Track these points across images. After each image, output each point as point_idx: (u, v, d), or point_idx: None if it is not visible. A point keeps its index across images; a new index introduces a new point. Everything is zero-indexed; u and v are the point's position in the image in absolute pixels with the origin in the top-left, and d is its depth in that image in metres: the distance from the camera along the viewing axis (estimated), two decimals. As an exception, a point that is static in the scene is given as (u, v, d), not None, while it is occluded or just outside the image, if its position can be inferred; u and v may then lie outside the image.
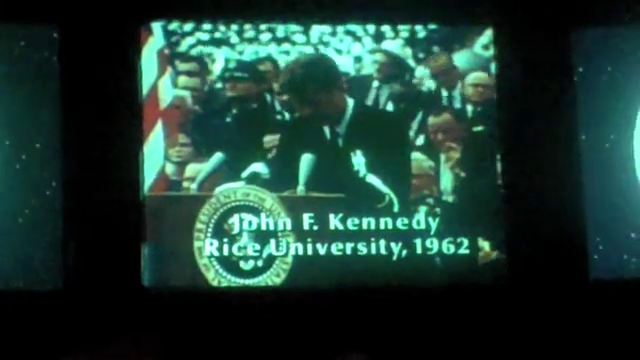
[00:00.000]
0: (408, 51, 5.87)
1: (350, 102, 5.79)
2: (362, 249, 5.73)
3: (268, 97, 5.78)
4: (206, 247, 5.66)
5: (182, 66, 5.73)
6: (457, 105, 5.89)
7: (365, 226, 5.73)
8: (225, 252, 5.66)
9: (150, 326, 5.47)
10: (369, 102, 5.83)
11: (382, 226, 5.73)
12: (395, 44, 5.87)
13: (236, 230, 5.68)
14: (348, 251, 5.72)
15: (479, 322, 5.67)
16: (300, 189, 5.72)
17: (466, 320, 5.68)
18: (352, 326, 5.62)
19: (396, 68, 5.87)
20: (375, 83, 5.86)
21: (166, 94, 5.71)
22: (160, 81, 5.70)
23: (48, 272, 5.51)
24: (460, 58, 5.89)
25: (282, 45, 5.79)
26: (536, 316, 5.69)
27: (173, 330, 5.52)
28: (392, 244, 5.74)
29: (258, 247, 5.68)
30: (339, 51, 5.82)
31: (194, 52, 5.75)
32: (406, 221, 5.75)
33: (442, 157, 5.83)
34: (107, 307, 5.48)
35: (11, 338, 5.38)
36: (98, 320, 5.44)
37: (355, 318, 5.63)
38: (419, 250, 5.75)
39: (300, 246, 5.70)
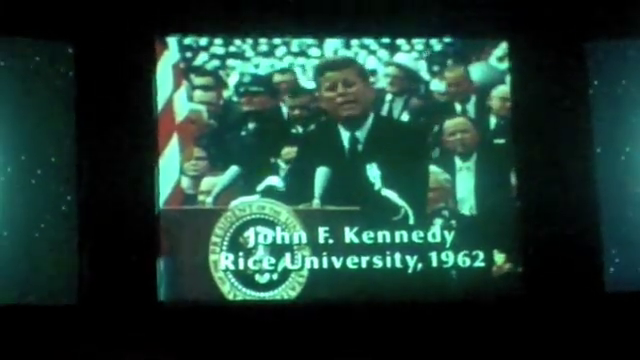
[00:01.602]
0: (423, 64, 5.87)
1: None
2: (377, 262, 5.72)
3: (284, 110, 5.79)
4: (222, 261, 5.66)
5: (197, 80, 5.74)
6: (472, 116, 5.89)
7: (380, 239, 5.73)
8: (241, 266, 5.66)
9: (166, 340, 5.47)
10: (385, 115, 5.83)
11: (397, 239, 5.73)
12: (409, 57, 5.87)
13: (251, 244, 5.68)
14: (363, 264, 5.72)
15: (495, 335, 5.66)
16: (315, 202, 5.72)
17: (482, 333, 5.66)
18: (367, 339, 5.61)
19: (411, 81, 5.87)
20: (389, 96, 5.86)
21: (182, 108, 5.71)
22: (175, 95, 5.71)
23: (63, 286, 5.51)
24: (475, 71, 5.89)
25: (297, 58, 5.79)
26: (552, 329, 5.68)
27: (189, 344, 5.52)
28: (407, 257, 5.74)
29: (273, 260, 5.68)
30: (354, 64, 5.85)
31: (209, 66, 5.76)
32: (422, 234, 5.75)
33: (458, 168, 5.83)
34: (122, 321, 5.48)
35: (26, 352, 5.36)
36: (113, 335, 5.44)
37: (370, 331, 5.62)
38: (435, 263, 5.75)
39: (315, 260, 5.70)
